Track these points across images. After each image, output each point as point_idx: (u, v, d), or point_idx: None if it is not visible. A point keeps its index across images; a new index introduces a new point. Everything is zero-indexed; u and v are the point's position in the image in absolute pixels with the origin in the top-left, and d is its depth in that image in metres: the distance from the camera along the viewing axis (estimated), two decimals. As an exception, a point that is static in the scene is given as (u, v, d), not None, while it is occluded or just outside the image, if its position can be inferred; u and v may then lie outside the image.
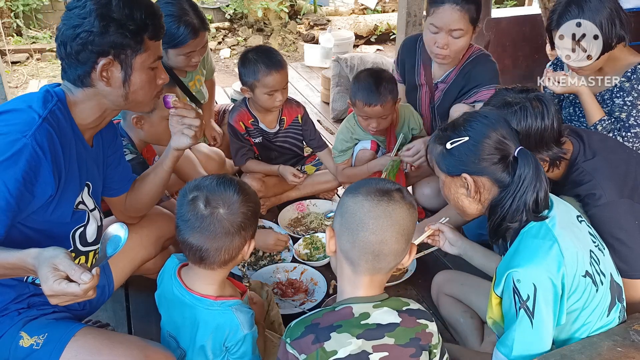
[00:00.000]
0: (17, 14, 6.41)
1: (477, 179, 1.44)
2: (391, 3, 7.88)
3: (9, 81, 5.38)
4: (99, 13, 1.37)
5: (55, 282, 1.09)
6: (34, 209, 1.35)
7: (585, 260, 1.37)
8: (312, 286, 2.17)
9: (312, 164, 2.91)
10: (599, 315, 1.41)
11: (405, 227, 1.23)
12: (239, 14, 7.12)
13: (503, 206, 1.39)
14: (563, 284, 1.31)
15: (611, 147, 1.78)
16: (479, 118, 1.45)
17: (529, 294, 1.29)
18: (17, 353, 1.37)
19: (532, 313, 1.30)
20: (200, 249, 1.36)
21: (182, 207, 1.37)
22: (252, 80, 2.46)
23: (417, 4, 3.77)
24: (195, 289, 1.43)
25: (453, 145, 1.44)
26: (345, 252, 1.24)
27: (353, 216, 1.22)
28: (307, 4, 7.34)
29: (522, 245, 1.37)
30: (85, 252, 1.58)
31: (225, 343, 1.41)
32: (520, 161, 1.38)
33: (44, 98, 1.40)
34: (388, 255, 1.23)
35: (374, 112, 2.40)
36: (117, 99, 1.48)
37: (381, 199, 1.21)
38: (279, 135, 2.73)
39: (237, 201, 1.36)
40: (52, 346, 1.37)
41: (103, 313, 2.06)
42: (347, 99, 4.15)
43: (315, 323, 1.21)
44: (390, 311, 1.23)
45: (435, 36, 2.34)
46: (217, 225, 1.34)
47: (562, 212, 1.44)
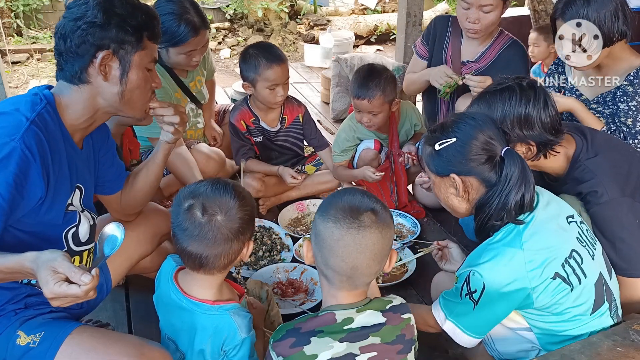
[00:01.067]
0: (17, 14, 6.42)
1: (465, 179, 1.47)
2: (391, 3, 7.88)
3: (9, 81, 5.38)
4: (102, 7, 1.40)
5: (56, 285, 1.10)
6: (23, 211, 1.35)
7: (557, 263, 1.41)
8: (312, 286, 2.17)
9: (312, 164, 2.91)
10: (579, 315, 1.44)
11: (377, 251, 1.21)
12: (239, 14, 7.12)
13: (490, 205, 1.44)
14: (520, 289, 1.38)
15: (614, 146, 1.79)
16: (467, 119, 1.48)
17: (477, 289, 1.39)
18: (14, 351, 1.37)
19: (476, 302, 1.41)
20: (199, 257, 1.35)
21: (179, 216, 1.35)
22: (253, 75, 2.47)
23: (417, 4, 3.77)
24: (193, 293, 1.42)
25: (441, 147, 1.47)
26: (321, 269, 1.27)
27: (324, 241, 1.22)
28: (307, 4, 7.35)
29: (489, 247, 1.43)
30: (79, 252, 1.58)
31: (223, 347, 1.41)
32: (507, 161, 1.42)
33: (32, 101, 1.39)
34: (362, 276, 1.24)
35: (362, 105, 2.43)
36: (112, 97, 1.48)
37: (350, 226, 1.18)
38: (280, 134, 2.74)
39: (234, 207, 1.35)
40: (49, 344, 1.37)
41: (103, 313, 2.06)
42: (347, 99, 4.16)
43: (298, 327, 1.23)
44: (374, 312, 1.25)
45: (467, 12, 2.47)
46: (216, 232, 1.33)
47: (548, 212, 1.47)
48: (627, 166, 1.70)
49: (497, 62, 2.62)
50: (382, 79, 2.40)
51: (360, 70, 2.48)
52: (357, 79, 2.44)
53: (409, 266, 2.28)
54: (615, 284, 1.58)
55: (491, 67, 2.63)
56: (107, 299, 2.12)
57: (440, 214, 2.79)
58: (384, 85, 2.40)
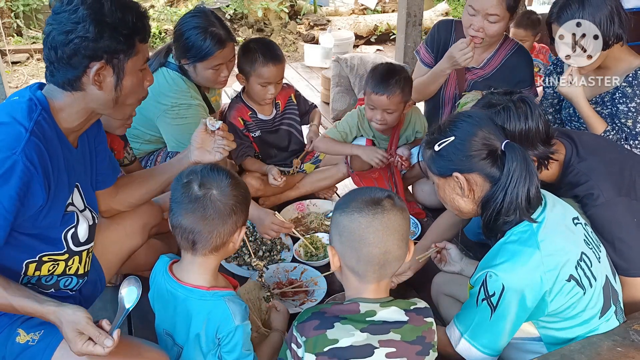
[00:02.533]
0: (17, 14, 6.41)
1: (468, 176, 1.46)
2: (391, 3, 7.88)
3: (9, 81, 5.37)
4: (93, 18, 1.35)
5: (84, 346, 1.25)
6: (24, 217, 1.37)
7: (571, 265, 1.39)
8: (312, 286, 2.17)
9: (311, 162, 2.91)
10: (590, 318, 1.43)
11: (403, 232, 1.28)
12: (239, 14, 7.12)
13: (495, 200, 1.42)
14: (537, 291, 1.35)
15: (604, 146, 1.79)
16: (463, 117, 1.49)
17: (496, 291, 1.36)
18: (13, 349, 1.39)
19: (494, 307, 1.37)
20: (192, 232, 1.39)
21: (177, 191, 1.41)
22: (248, 69, 2.50)
23: (417, 4, 3.77)
24: (188, 280, 1.45)
25: (441, 147, 1.47)
26: (351, 267, 1.29)
27: (352, 234, 1.26)
28: (307, 4, 7.35)
29: (504, 248, 1.41)
30: (79, 252, 1.59)
31: (217, 334, 1.43)
32: (508, 154, 1.41)
33: (28, 108, 1.39)
34: (392, 262, 1.28)
35: (380, 101, 2.41)
36: (106, 103, 1.48)
37: (375, 212, 1.25)
38: (277, 119, 2.75)
39: (228, 185, 1.41)
40: (47, 342, 1.39)
41: (103, 313, 2.06)
42: (347, 99, 4.15)
43: (323, 311, 1.27)
44: (398, 310, 1.28)
45: (472, 18, 2.42)
46: (210, 206, 1.38)
47: (556, 214, 1.46)
48: (619, 165, 1.70)
49: (503, 68, 2.60)
50: (402, 78, 2.42)
51: (378, 67, 2.46)
52: (376, 75, 2.42)
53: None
54: (619, 285, 1.58)
55: (497, 73, 2.61)
56: (107, 299, 2.13)
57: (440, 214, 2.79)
58: (404, 84, 2.42)
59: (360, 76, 3.96)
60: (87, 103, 1.46)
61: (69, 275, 1.59)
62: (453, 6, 7.78)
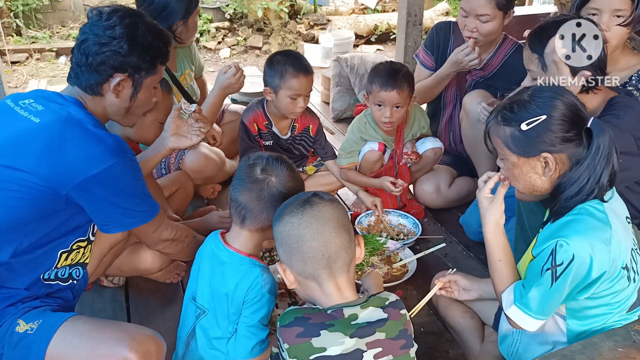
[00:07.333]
0: (16, 13, 6.40)
1: (557, 156, 1.39)
2: (391, 3, 7.88)
3: (8, 81, 5.37)
4: (128, 37, 1.54)
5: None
6: None
7: (628, 254, 1.38)
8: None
9: (313, 165, 2.90)
10: (619, 310, 1.42)
11: (338, 219, 1.28)
12: (239, 14, 7.11)
13: (580, 180, 1.36)
14: (601, 267, 1.31)
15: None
16: (546, 92, 1.42)
17: (564, 261, 1.31)
18: (12, 338, 1.44)
19: (556, 277, 1.32)
20: (245, 208, 1.52)
21: (242, 169, 1.56)
22: (278, 82, 2.41)
23: (417, 4, 3.76)
24: (232, 245, 1.55)
25: (530, 126, 1.38)
26: (302, 272, 1.28)
27: (290, 237, 1.27)
28: (307, 3, 7.34)
29: (577, 219, 1.35)
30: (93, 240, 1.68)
31: (245, 297, 1.49)
32: (595, 131, 1.35)
33: (120, 144, 1.51)
34: (338, 252, 1.26)
35: (390, 97, 2.40)
36: (119, 111, 1.64)
37: (304, 208, 1.27)
38: (289, 141, 2.71)
39: (286, 176, 1.54)
40: (45, 330, 1.44)
41: (103, 313, 2.07)
42: (347, 98, 4.14)
43: (307, 317, 1.24)
44: (375, 309, 1.27)
45: (465, 19, 2.48)
46: (266, 190, 1.51)
47: (617, 206, 1.45)
48: None
49: (503, 68, 2.60)
50: (406, 72, 2.43)
51: (379, 66, 2.45)
52: (382, 73, 2.41)
53: (410, 266, 2.28)
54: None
55: (497, 73, 2.61)
56: (107, 299, 2.14)
57: (441, 214, 2.80)
58: (409, 79, 2.43)
59: (361, 76, 3.95)
60: (104, 107, 1.62)
61: (79, 264, 1.65)
62: (453, 6, 7.77)
